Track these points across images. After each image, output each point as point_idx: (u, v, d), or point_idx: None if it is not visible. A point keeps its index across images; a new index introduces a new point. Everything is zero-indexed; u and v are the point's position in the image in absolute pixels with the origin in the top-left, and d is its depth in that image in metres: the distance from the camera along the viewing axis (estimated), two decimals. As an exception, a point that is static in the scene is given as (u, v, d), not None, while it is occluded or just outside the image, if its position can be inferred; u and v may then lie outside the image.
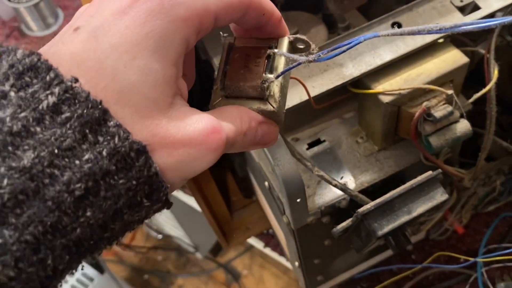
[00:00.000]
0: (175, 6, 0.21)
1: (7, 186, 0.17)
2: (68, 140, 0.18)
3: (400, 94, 0.37)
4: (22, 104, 0.18)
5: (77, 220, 0.18)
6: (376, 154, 0.42)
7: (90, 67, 0.19)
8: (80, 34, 0.20)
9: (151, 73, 0.20)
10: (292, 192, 0.36)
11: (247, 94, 0.26)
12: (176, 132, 0.21)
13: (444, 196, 0.37)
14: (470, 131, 0.38)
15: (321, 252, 0.46)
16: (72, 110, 0.18)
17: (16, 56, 0.19)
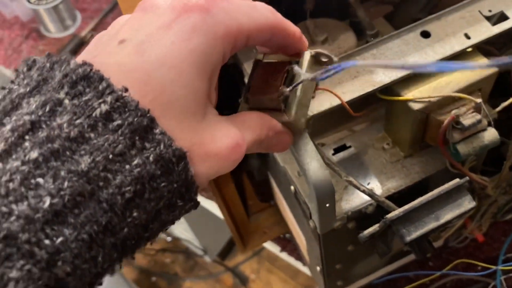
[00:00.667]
0: (216, 24, 0.22)
1: (67, 188, 0.18)
2: (119, 146, 0.19)
3: (430, 101, 0.37)
4: (77, 112, 0.19)
5: (125, 220, 0.20)
6: (402, 161, 0.42)
7: (138, 79, 0.21)
8: (126, 46, 0.21)
9: (193, 88, 0.22)
10: (322, 197, 0.36)
11: (267, 106, 0.28)
12: (209, 143, 0.23)
13: (472, 204, 0.37)
14: (497, 139, 0.38)
15: (343, 257, 0.47)
16: (123, 118, 0.20)
17: (70, 66, 0.20)
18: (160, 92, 0.21)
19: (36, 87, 0.20)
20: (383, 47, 0.39)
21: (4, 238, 0.16)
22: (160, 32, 0.21)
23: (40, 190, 0.17)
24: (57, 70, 0.20)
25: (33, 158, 0.18)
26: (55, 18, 0.92)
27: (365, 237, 0.39)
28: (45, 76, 0.20)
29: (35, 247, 0.17)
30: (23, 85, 0.20)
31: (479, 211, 0.53)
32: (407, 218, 0.37)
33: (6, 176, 0.17)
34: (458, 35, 0.39)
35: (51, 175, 0.18)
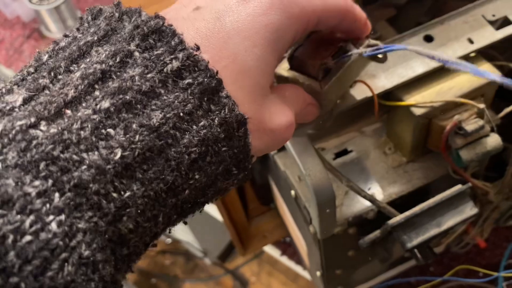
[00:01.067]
0: (292, 4, 0.23)
1: (138, 142, 0.17)
2: (189, 105, 0.19)
3: (432, 107, 0.37)
4: (148, 65, 0.19)
5: (187, 182, 0.19)
6: (404, 166, 0.41)
7: (214, 44, 0.21)
8: (203, 13, 0.21)
9: (265, 62, 0.22)
10: (322, 202, 0.36)
11: (307, 71, 0.30)
12: (268, 121, 0.23)
13: (474, 210, 0.37)
14: (500, 145, 0.38)
15: (344, 263, 0.46)
16: (194, 77, 0.19)
17: (141, 17, 0.20)
18: (233, 59, 0.21)
19: (104, 36, 0.20)
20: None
21: (75, 186, 0.16)
22: (238, 4, 0.22)
23: (111, 141, 0.17)
24: (127, 21, 0.20)
25: (105, 108, 0.17)
26: (57, 19, 0.92)
27: (365, 243, 0.38)
28: (114, 26, 0.20)
29: (103, 199, 0.16)
30: (90, 33, 0.20)
31: (481, 216, 0.52)
32: (409, 225, 0.36)
33: (77, 124, 0.17)
34: (461, 40, 0.38)
35: (122, 126, 0.17)
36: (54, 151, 0.16)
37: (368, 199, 0.38)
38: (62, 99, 0.17)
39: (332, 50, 0.30)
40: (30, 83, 0.18)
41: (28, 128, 0.16)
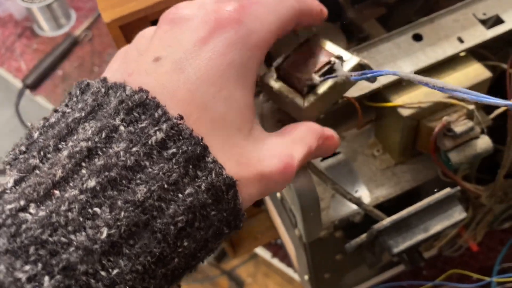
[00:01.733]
0: (250, 34, 0.22)
1: (124, 218, 0.18)
2: (174, 175, 0.19)
3: (420, 107, 0.36)
4: (133, 139, 0.19)
5: (176, 251, 0.19)
6: (392, 168, 0.40)
7: (182, 99, 0.20)
8: (163, 65, 0.21)
9: (235, 102, 0.22)
10: (306, 205, 0.35)
11: (292, 83, 0.30)
12: (255, 164, 0.22)
13: (463, 215, 0.36)
14: (491, 147, 0.37)
15: (332, 266, 0.45)
16: (178, 146, 0.19)
17: (125, 92, 0.20)
18: (203, 110, 0.21)
19: (91, 112, 0.20)
20: (373, 50, 0.37)
21: (63, 269, 0.16)
22: (196, 49, 0.21)
23: (97, 220, 0.17)
24: (112, 95, 0.20)
25: (91, 187, 0.18)
26: (49, 17, 0.91)
27: (352, 247, 0.37)
28: (100, 102, 0.20)
29: (91, 279, 0.17)
30: (77, 109, 0.20)
31: (473, 220, 0.51)
32: (395, 229, 0.35)
33: (65, 205, 0.17)
34: (451, 39, 0.37)
35: (108, 204, 0.18)
36: (43, 235, 0.17)
37: (354, 202, 0.37)
38: (51, 179, 0.18)
39: (320, 64, 0.30)
40: (21, 164, 0.19)
41: (17, 211, 0.17)
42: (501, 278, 0.49)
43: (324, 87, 0.30)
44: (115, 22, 0.32)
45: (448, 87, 0.21)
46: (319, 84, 0.30)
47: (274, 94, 0.32)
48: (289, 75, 0.30)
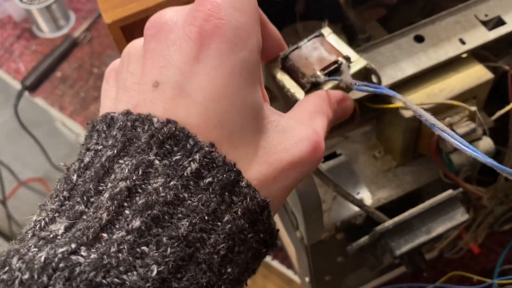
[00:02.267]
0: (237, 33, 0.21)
1: (171, 254, 0.18)
2: (212, 204, 0.19)
3: (422, 109, 0.35)
4: (169, 173, 0.19)
5: (221, 278, 0.19)
6: (394, 170, 0.40)
7: (196, 123, 0.20)
8: (165, 91, 0.21)
9: (248, 108, 0.21)
10: (308, 207, 0.35)
11: (296, 77, 0.30)
12: (285, 155, 0.22)
13: (465, 216, 0.36)
14: (493, 149, 0.37)
15: (333, 268, 0.45)
16: (213, 175, 0.19)
17: (154, 125, 0.20)
18: (220, 126, 0.20)
19: (123, 149, 0.20)
20: (375, 52, 0.37)
21: None
22: (191, 67, 0.21)
23: (146, 258, 0.18)
24: (140, 128, 0.20)
25: (136, 227, 0.18)
26: (48, 18, 0.91)
27: (353, 250, 0.37)
28: (129, 137, 0.20)
29: None
30: (108, 146, 0.20)
31: (474, 221, 0.51)
32: (397, 231, 0.35)
33: (115, 247, 0.18)
34: (453, 40, 0.37)
35: (154, 242, 0.18)
36: (97, 277, 0.17)
37: (356, 204, 0.37)
38: (98, 223, 0.18)
39: (327, 63, 0.30)
40: (68, 211, 0.19)
41: (69, 254, 0.17)
42: (502, 280, 0.49)
43: (327, 86, 0.30)
44: (116, 23, 0.31)
45: (439, 126, 0.21)
46: (323, 82, 0.30)
47: (276, 84, 0.32)
48: (294, 68, 0.30)
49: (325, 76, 0.29)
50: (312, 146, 0.23)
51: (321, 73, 0.29)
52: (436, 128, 0.22)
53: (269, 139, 0.22)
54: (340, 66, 0.29)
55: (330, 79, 0.29)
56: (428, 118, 0.22)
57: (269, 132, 0.22)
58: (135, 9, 0.32)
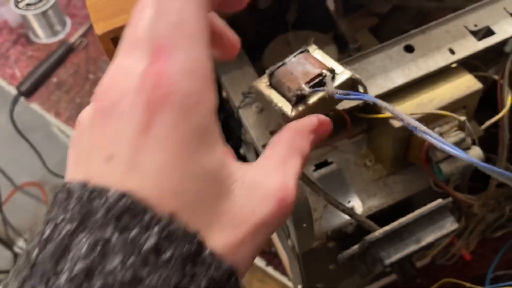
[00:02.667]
0: (187, 97, 0.20)
1: None
2: (173, 279, 0.19)
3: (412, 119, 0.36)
4: (127, 250, 0.19)
5: None
6: (384, 179, 0.41)
7: (153, 196, 0.20)
8: (118, 165, 0.20)
9: (206, 173, 0.21)
10: (298, 216, 0.35)
11: (283, 92, 0.31)
12: (252, 216, 0.21)
13: (454, 225, 0.36)
14: (482, 158, 0.37)
15: (325, 276, 0.45)
16: (173, 248, 0.19)
17: (109, 199, 0.19)
18: (177, 197, 0.20)
19: (81, 223, 0.20)
20: (365, 62, 0.38)
21: None
22: (142, 139, 0.20)
23: None
24: (96, 202, 0.20)
25: None
26: (44, 24, 0.91)
27: (344, 258, 0.37)
28: (86, 210, 0.20)
29: None
30: (67, 219, 0.20)
31: (466, 229, 0.51)
32: (387, 240, 0.35)
33: None
34: (443, 50, 0.38)
35: None
36: None
37: (347, 213, 0.37)
38: None
39: (312, 76, 0.30)
40: None
41: None
42: (494, 287, 0.49)
43: (314, 99, 0.30)
44: (106, 34, 0.32)
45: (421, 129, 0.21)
46: (309, 95, 0.30)
47: (264, 101, 0.32)
48: (280, 83, 0.31)
49: (310, 89, 0.30)
50: (279, 204, 0.22)
51: (306, 85, 0.30)
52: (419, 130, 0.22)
53: (233, 201, 0.21)
54: (324, 78, 0.30)
55: (314, 90, 0.29)
56: (410, 122, 0.23)
57: (233, 193, 0.21)
58: (126, 20, 0.32)
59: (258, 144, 0.36)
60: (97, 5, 0.33)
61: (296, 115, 0.30)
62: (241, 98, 0.37)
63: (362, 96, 0.26)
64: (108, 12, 0.33)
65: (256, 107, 0.37)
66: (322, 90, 0.29)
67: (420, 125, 0.22)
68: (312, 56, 0.32)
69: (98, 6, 0.33)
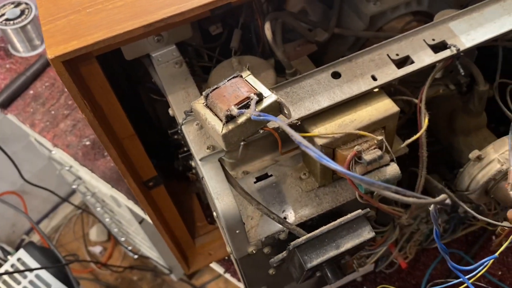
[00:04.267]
0: None
1: None
2: None
3: (334, 137, 0.40)
4: None
5: None
6: (316, 190, 0.45)
7: None
8: None
9: None
10: (230, 223, 0.39)
11: (216, 112, 0.35)
12: None
13: (371, 234, 0.40)
14: (399, 174, 0.41)
15: (266, 280, 0.49)
16: None
17: None
18: None
19: None
20: (296, 86, 0.42)
21: None
22: None
23: None
24: None
25: None
26: (23, 38, 0.95)
27: (275, 262, 0.41)
28: None
29: None
30: None
31: (402, 238, 0.56)
32: (310, 246, 0.39)
33: None
34: (366, 77, 0.42)
35: None
36: None
37: (277, 221, 0.41)
38: None
39: (242, 99, 0.35)
40: None
41: None
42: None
43: (242, 119, 0.35)
44: (57, 58, 0.36)
45: (304, 144, 0.26)
46: (238, 115, 0.34)
47: (201, 119, 0.37)
48: (213, 104, 0.35)
49: (238, 110, 0.34)
50: None
51: (235, 107, 0.34)
52: (302, 145, 0.26)
53: None
54: (251, 101, 0.34)
55: (239, 112, 0.33)
56: (297, 138, 0.27)
57: None
58: (77, 45, 0.36)
59: (197, 158, 0.40)
60: (50, 32, 0.37)
61: (226, 132, 0.35)
62: (184, 116, 0.41)
63: (268, 117, 0.31)
64: (60, 38, 0.37)
65: (197, 124, 0.41)
66: (243, 112, 0.33)
67: (303, 140, 0.26)
68: (244, 81, 0.36)
69: (51, 33, 0.37)
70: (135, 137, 0.49)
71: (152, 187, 0.55)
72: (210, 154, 0.39)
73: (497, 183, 0.47)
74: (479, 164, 0.46)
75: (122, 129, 0.47)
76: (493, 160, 0.46)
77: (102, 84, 0.42)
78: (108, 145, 0.45)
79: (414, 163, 0.46)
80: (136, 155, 0.50)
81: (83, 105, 0.40)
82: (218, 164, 0.39)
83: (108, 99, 0.43)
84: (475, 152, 0.46)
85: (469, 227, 0.63)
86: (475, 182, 0.47)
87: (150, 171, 0.53)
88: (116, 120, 0.45)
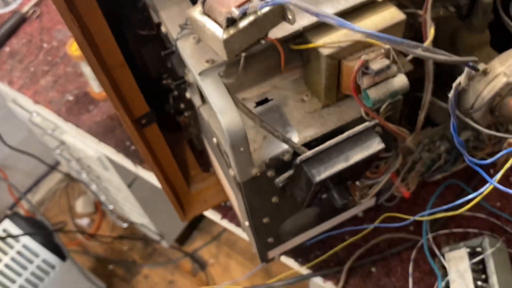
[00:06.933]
0: None
1: None
2: None
3: (340, 47, 0.38)
4: None
5: None
6: (320, 111, 0.43)
7: None
8: None
9: None
10: (235, 140, 0.37)
11: (215, 18, 0.33)
12: None
13: (381, 145, 0.38)
14: (407, 85, 0.40)
15: (269, 210, 0.47)
16: None
17: None
18: None
19: None
20: (297, -4, 0.40)
21: None
22: None
23: None
24: None
25: None
26: None
27: (281, 182, 0.40)
28: None
29: None
30: None
31: (404, 167, 0.54)
32: (318, 159, 0.38)
33: None
34: (370, -16, 0.40)
35: None
36: None
37: (281, 139, 0.39)
38: None
39: (242, 1, 0.32)
40: None
41: None
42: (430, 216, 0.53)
43: (245, 22, 0.32)
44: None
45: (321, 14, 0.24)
46: (240, 19, 0.32)
47: (198, 28, 0.34)
48: (212, 9, 0.33)
49: (240, 8, 0.31)
50: None
51: (236, 9, 0.31)
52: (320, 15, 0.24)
53: None
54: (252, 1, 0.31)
55: (241, 11, 0.31)
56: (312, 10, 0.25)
57: None
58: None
59: (195, 73, 0.37)
60: None
61: (228, 37, 0.32)
62: (179, 30, 0.38)
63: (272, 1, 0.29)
64: None
65: (193, 38, 0.38)
66: (247, 7, 0.31)
67: (320, 10, 0.24)
68: None
69: None
70: (126, 67, 0.46)
71: (145, 125, 0.52)
72: (210, 67, 0.37)
73: (502, 99, 0.45)
74: (485, 79, 0.45)
75: (112, 56, 0.44)
76: (499, 74, 0.44)
77: (89, 2, 0.39)
78: (99, 71, 0.42)
79: (419, 88, 0.45)
80: (127, 88, 0.48)
81: (70, 21, 0.37)
82: (219, 78, 0.37)
83: (96, 20, 0.40)
84: (481, 65, 0.44)
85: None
86: (480, 99, 0.46)
87: (142, 107, 0.50)
88: (105, 45, 0.43)
